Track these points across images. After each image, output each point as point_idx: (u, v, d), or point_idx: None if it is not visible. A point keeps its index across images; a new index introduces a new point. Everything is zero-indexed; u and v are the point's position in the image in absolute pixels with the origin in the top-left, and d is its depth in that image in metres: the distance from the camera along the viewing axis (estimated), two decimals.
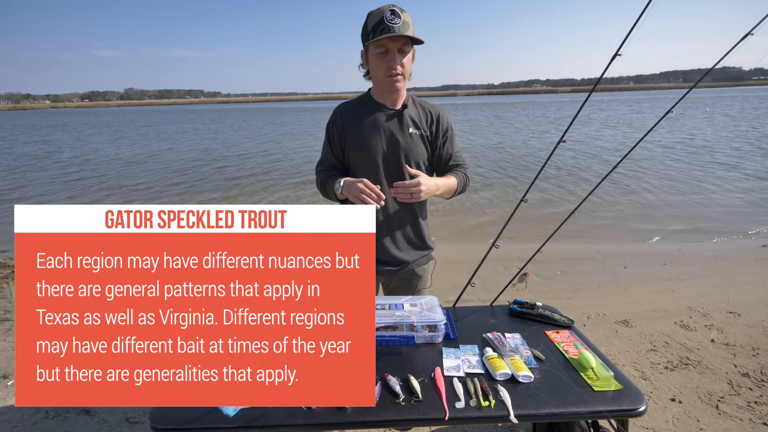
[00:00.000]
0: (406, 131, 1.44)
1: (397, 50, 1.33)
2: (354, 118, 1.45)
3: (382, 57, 1.34)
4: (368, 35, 1.32)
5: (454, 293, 1.72)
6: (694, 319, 2.88)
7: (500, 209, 6.14)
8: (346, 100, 1.54)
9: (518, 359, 1.19)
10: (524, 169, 8.90)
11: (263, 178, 8.83)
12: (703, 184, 7.18)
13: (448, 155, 1.53)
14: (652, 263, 3.98)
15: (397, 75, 1.35)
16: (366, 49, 1.39)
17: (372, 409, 1.02)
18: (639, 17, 1.26)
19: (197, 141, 17.15)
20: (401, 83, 1.38)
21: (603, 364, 1.18)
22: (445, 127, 1.50)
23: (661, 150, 10.78)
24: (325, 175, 1.49)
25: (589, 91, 1.64)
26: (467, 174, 1.57)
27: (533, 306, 1.52)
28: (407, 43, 1.34)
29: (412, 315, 1.32)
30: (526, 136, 15.63)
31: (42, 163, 11.54)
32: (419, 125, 1.46)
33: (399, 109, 1.45)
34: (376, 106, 1.45)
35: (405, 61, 1.36)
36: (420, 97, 1.54)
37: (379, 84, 1.43)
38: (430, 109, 1.50)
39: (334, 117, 1.48)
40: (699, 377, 2.24)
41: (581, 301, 3.23)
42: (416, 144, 1.45)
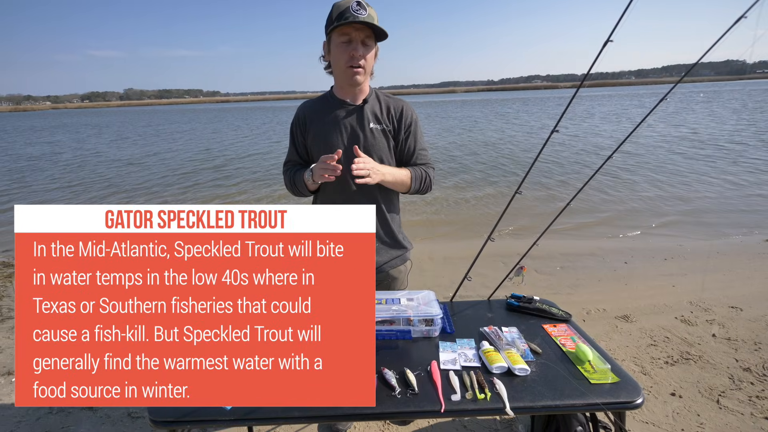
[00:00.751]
0: (367, 126, 1.42)
1: (361, 42, 1.32)
2: (315, 115, 1.44)
3: (344, 46, 1.32)
4: (332, 23, 1.30)
5: (453, 289, 1.72)
6: (695, 314, 2.87)
7: (502, 206, 6.13)
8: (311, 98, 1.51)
9: (515, 352, 1.19)
10: (526, 165, 8.88)
11: (261, 176, 8.83)
12: (705, 178, 7.15)
13: (411, 150, 1.48)
14: (653, 258, 3.96)
15: (358, 67, 1.33)
16: (328, 40, 1.37)
17: None
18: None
19: (197, 141, 17.18)
20: (362, 76, 1.36)
21: (600, 357, 1.18)
22: (409, 121, 1.47)
23: (663, 144, 10.74)
24: (291, 172, 1.48)
25: (583, 85, 1.62)
26: (428, 173, 1.49)
27: (530, 300, 1.52)
28: (371, 36, 1.33)
29: (408, 309, 1.32)
30: (526, 131, 15.58)
31: (42, 164, 11.58)
32: (380, 120, 1.44)
33: (359, 104, 1.43)
34: (338, 102, 1.44)
35: (368, 56, 1.35)
36: (389, 93, 1.52)
37: (339, 76, 1.41)
38: (394, 103, 1.47)
39: (297, 115, 1.47)
40: (700, 372, 2.23)
41: (581, 296, 3.22)
42: (377, 139, 1.43)
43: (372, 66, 1.41)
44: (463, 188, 7.17)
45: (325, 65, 1.45)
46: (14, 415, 2.02)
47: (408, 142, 1.48)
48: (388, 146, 1.45)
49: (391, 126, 1.45)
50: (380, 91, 1.50)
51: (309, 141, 1.45)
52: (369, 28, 1.31)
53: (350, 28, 1.29)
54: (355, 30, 1.30)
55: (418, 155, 1.49)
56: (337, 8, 1.30)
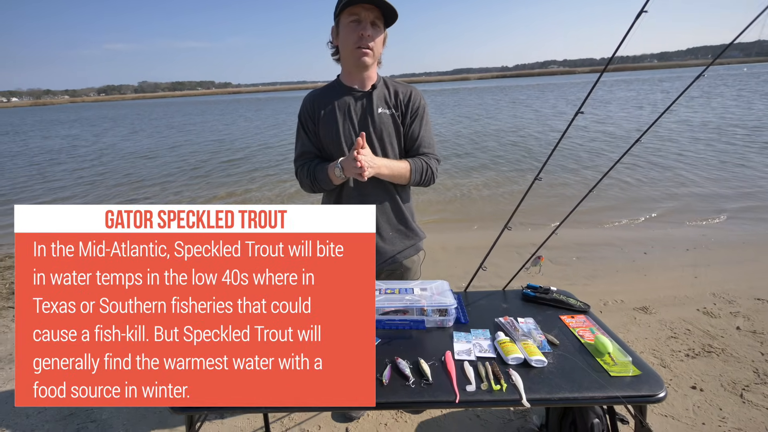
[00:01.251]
0: (376, 111, 1.39)
1: (370, 22, 1.29)
2: (324, 103, 1.41)
3: (353, 26, 1.29)
4: (340, 3, 1.29)
5: (466, 279, 1.69)
6: (718, 306, 2.78)
7: (516, 195, 6.03)
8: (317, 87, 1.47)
9: (531, 344, 1.16)
10: (537, 153, 8.69)
11: (274, 171, 8.85)
12: (727, 165, 6.87)
13: (415, 136, 1.43)
14: (674, 249, 3.84)
15: (367, 48, 1.30)
16: (337, 24, 1.35)
17: (382, 391, 1.01)
18: None
19: (211, 133, 17.34)
20: (370, 58, 1.33)
21: (620, 349, 1.15)
22: (416, 106, 1.43)
23: (687, 130, 10.34)
24: (310, 167, 1.41)
25: (612, 69, 1.55)
26: (431, 165, 1.44)
27: (547, 291, 1.48)
28: (380, 17, 1.31)
29: (422, 299, 1.31)
30: (543, 118, 15.21)
31: (62, 158, 11.88)
32: (389, 104, 1.41)
33: (368, 90, 1.41)
34: (345, 89, 1.41)
35: (377, 39, 1.32)
36: (396, 80, 1.48)
37: (347, 59, 1.37)
38: (402, 88, 1.44)
39: (304, 105, 1.44)
40: (722, 365, 2.16)
41: (598, 287, 3.15)
42: (386, 124, 1.40)
43: (380, 52, 1.38)
44: (475, 177, 7.07)
45: (333, 51, 1.42)
46: None
47: (413, 127, 1.43)
48: (396, 132, 1.42)
49: (399, 111, 1.42)
50: (389, 78, 1.47)
51: (320, 129, 1.42)
52: (378, 9, 1.28)
53: (359, 8, 1.27)
54: (365, 10, 1.28)
55: (422, 142, 1.45)
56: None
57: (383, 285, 1.41)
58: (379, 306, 1.28)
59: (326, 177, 1.36)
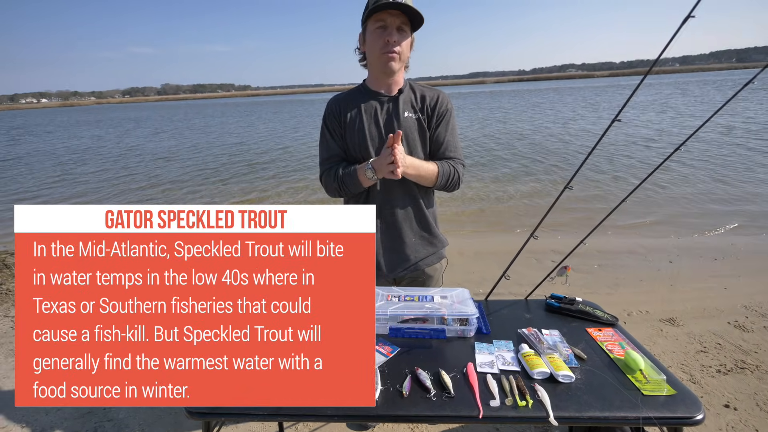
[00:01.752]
0: (402, 115, 1.37)
1: (396, 28, 1.29)
2: (349, 107, 1.40)
3: (380, 32, 1.29)
4: (367, 9, 1.29)
5: (484, 285, 1.66)
6: (750, 319, 2.65)
7: (532, 199, 5.91)
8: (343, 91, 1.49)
9: (557, 357, 1.11)
10: (558, 157, 8.51)
11: (298, 176, 8.93)
12: (754, 173, 6.58)
13: (440, 140, 1.41)
14: (701, 258, 3.69)
15: (393, 52, 1.29)
16: (364, 30, 1.35)
17: (402, 403, 0.98)
18: None
19: (230, 135, 17.65)
20: (396, 63, 1.32)
21: (654, 367, 1.09)
22: (443, 109, 1.41)
23: (718, 136, 9.98)
24: (336, 169, 1.37)
25: (635, 73, 1.50)
26: (458, 170, 1.41)
27: (572, 301, 1.42)
28: (406, 22, 1.30)
29: (442, 307, 1.27)
30: (559, 122, 14.94)
31: (87, 157, 12.27)
32: (415, 108, 1.39)
33: (394, 95, 1.39)
34: (372, 94, 1.40)
35: (403, 44, 1.31)
36: (422, 84, 1.46)
37: (374, 65, 1.37)
38: (429, 92, 1.42)
39: (330, 108, 1.42)
40: (757, 383, 2.05)
41: (622, 296, 3.05)
42: (412, 128, 1.38)
43: (407, 56, 1.37)
44: (493, 181, 6.97)
45: (360, 57, 1.42)
46: None
47: (438, 131, 1.41)
48: (422, 136, 1.40)
49: (425, 115, 1.40)
50: (415, 82, 1.45)
51: (345, 133, 1.40)
52: (404, 15, 1.28)
53: (386, 13, 1.27)
54: (391, 16, 1.27)
55: (447, 146, 1.42)
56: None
57: (402, 292, 1.38)
58: (398, 314, 1.25)
59: (355, 179, 1.33)
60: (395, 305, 1.28)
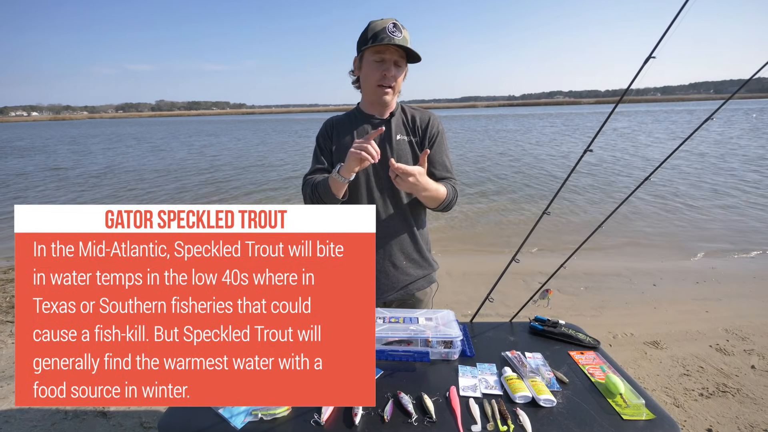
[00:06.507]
0: (394, 138, 1.41)
1: (393, 62, 1.34)
2: (343, 130, 1.44)
3: (377, 65, 1.34)
4: (367, 41, 1.32)
5: (471, 307, 1.66)
6: (731, 342, 2.69)
7: (521, 219, 6.00)
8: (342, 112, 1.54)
9: (539, 381, 1.12)
10: (544, 178, 8.71)
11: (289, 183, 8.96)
12: (733, 199, 6.82)
13: (433, 161, 1.44)
14: (683, 281, 3.77)
15: (388, 87, 1.35)
16: (361, 57, 1.38)
17: (383, 428, 0.97)
18: (676, 16, 1.19)
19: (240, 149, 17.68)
20: (390, 96, 1.37)
21: (633, 391, 1.10)
22: (434, 131, 1.45)
23: (697, 162, 10.35)
24: (313, 178, 1.37)
25: (615, 102, 1.57)
26: (456, 189, 1.44)
27: (556, 324, 1.44)
28: (403, 57, 1.35)
29: (427, 330, 1.27)
30: (549, 146, 15.35)
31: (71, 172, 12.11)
32: (407, 130, 1.43)
33: (386, 118, 1.43)
34: (365, 117, 1.44)
35: (399, 78, 1.36)
36: (414, 106, 1.50)
37: (368, 93, 1.41)
38: (420, 114, 1.46)
39: (324, 128, 1.47)
40: (738, 406, 2.07)
41: (607, 319, 3.08)
42: (404, 151, 1.41)
43: (401, 86, 1.42)
44: (480, 201, 7.07)
45: (354, 80, 1.46)
46: (30, 419, 2.05)
47: (432, 152, 1.44)
48: (414, 158, 1.43)
49: (417, 137, 1.44)
50: (406, 104, 1.49)
51: (335, 155, 1.43)
52: (402, 50, 1.32)
53: (385, 48, 1.31)
54: (390, 51, 1.32)
55: (441, 168, 1.45)
56: (373, 28, 1.31)
57: (387, 313, 1.38)
58: (382, 336, 1.25)
59: (327, 186, 1.29)
60: (380, 327, 1.28)
